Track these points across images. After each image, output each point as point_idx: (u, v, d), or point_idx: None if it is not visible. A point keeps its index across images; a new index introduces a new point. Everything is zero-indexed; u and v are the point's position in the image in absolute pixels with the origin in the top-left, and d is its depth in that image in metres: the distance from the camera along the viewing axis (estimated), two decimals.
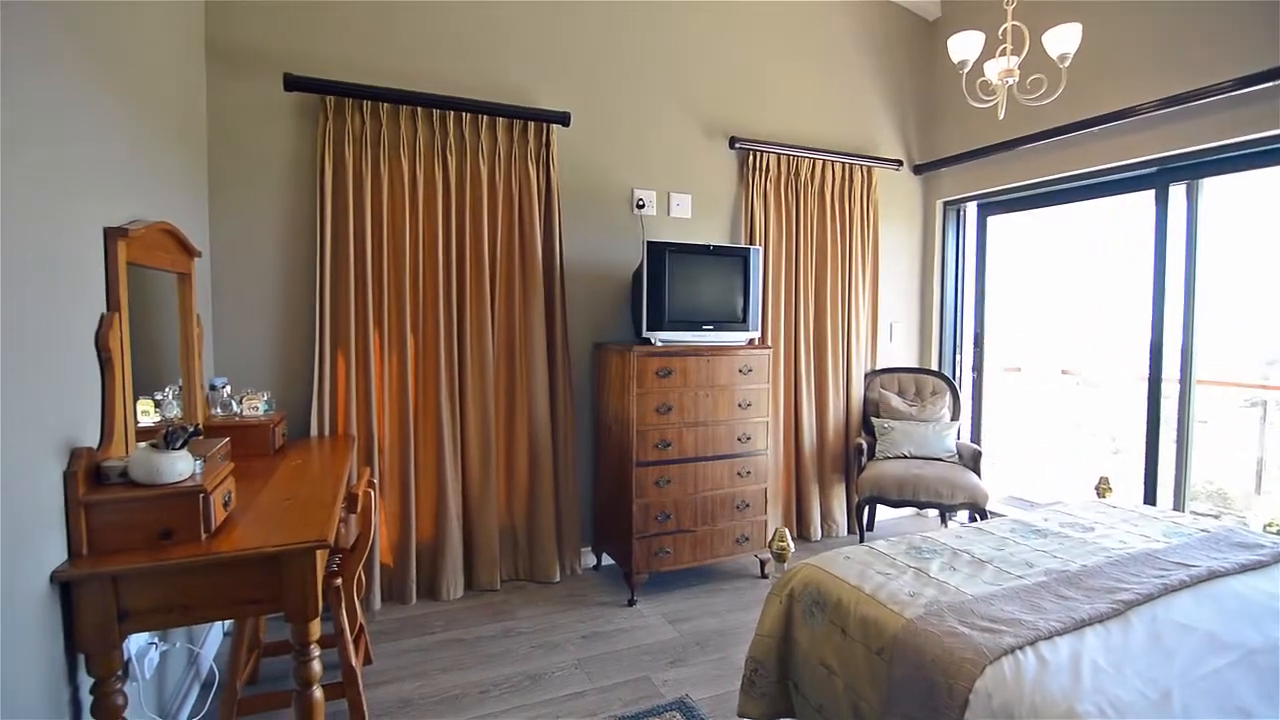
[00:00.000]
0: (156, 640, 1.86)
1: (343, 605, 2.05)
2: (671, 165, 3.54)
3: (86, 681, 1.44)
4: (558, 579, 3.23)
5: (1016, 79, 2.47)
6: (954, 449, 3.67)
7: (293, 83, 2.69)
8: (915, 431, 3.68)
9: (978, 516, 3.37)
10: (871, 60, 4.05)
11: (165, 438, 1.46)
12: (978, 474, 3.50)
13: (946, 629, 1.56)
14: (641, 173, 3.48)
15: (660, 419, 2.97)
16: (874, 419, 3.85)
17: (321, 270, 2.80)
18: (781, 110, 3.79)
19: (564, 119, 3.15)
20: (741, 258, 3.22)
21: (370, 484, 2.23)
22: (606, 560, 3.44)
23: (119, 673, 1.44)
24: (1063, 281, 4.30)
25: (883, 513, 4.10)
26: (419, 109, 2.92)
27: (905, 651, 1.55)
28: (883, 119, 4.12)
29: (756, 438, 3.21)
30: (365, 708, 2.09)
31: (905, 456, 3.65)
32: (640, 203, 3.47)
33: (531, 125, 3.13)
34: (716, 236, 3.67)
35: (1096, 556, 2.01)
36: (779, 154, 3.69)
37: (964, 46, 2.51)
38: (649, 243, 3.01)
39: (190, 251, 2.20)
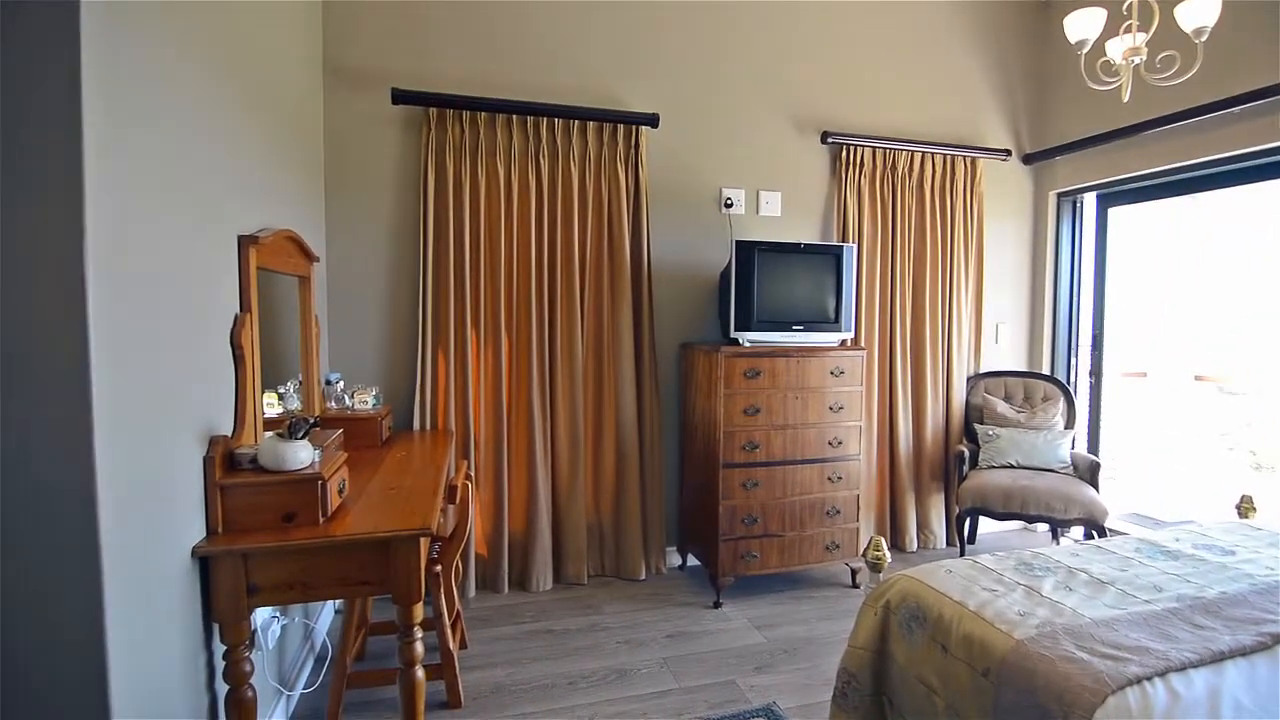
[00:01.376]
0: (278, 614, 2.03)
1: (441, 591, 2.15)
2: (761, 163, 3.49)
3: (219, 649, 1.59)
4: (643, 577, 3.26)
5: (1144, 57, 2.26)
6: (1068, 459, 3.41)
7: (399, 96, 2.85)
8: (1024, 440, 3.45)
9: (1095, 534, 3.11)
10: (975, 45, 3.82)
11: (289, 428, 1.58)
12: (1095, 487, 3.23)
13: (1062, 653, 1.45)
14: (730, 171, 3.45)
15: (748, 420, 2.93)
16: (977, 426, 3.63)
17: (424, 273, 2.96)
18: (877, 102, 3.65)
19: (653, 120, 3.17)
20: (834, 256, 3.13)
21: (468, 476, 2.33)
22: (692, 561, 3.43)
23: (247, 641, 1.57)
24: (1196, 278, 3.89)
25: (985, 525, 3.86)
26: (514, 117, 3.02)
27: (1014, 675, 1.45)
28: (989, 107, 3.88)
29: (848, 442, 3.10)
30: (461, 690, 2.19)
31: (1012, 466, 3.42)
32: (729, 202, 3.43)
33: (621, 128, 3.17)
34: (807, 235, 3.58)
35: (1239, 583, 1.81)
36: (874, 147, 3.56)
37: (1083, 25, 2.33)
38: (737, 242, 2.98)
39: (310, 256, 2.38)
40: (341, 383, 2.65)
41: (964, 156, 3.72)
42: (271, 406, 2.02)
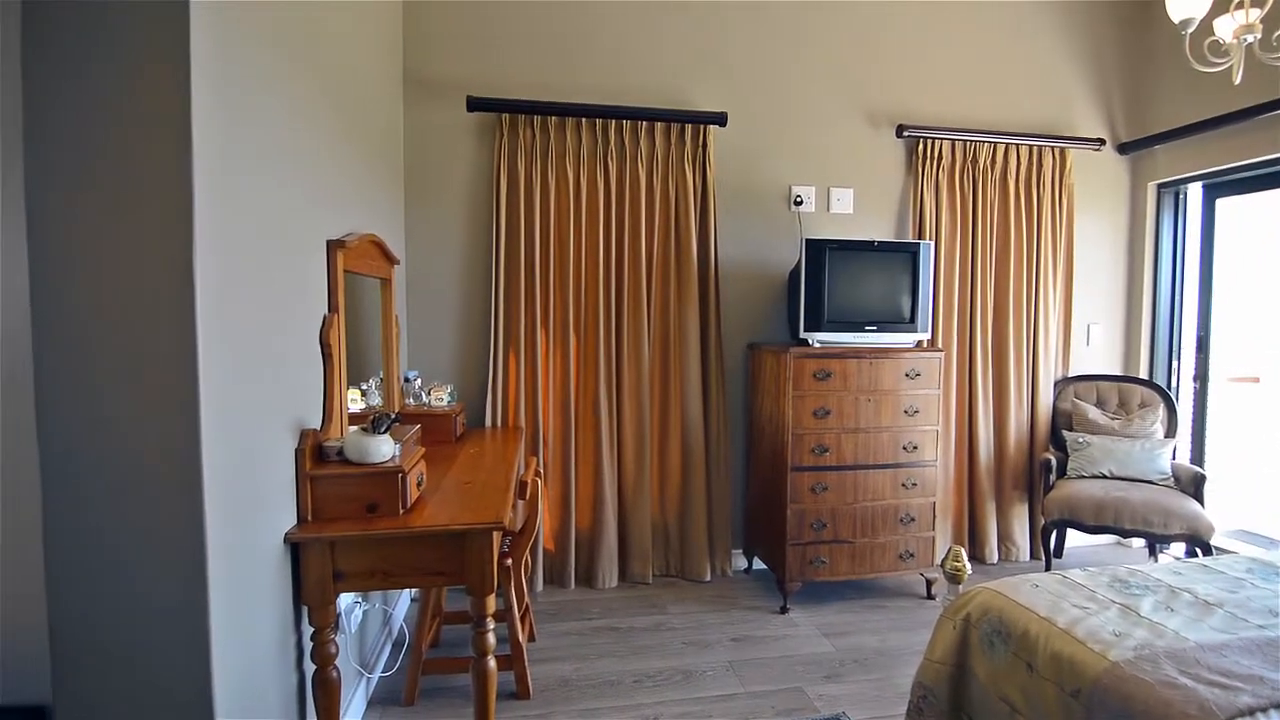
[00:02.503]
0: (360, 600, 2.13)
1: (512, 584, 2.21)
2: (832, 159, 3.41)
3: (307, 630, 1.68)
4: (708, 578, 3.24)
5: (1258, 35, 2.07)
6: (1168, 470, 3.17)
7: (474, 104, 2.94)
8: (1118, 449, 3.23)
9: (1199, 551, 2.88)
10: (1063, 27, 3.61)
11: (373, 423, 1.66)
12: (1199, 501, 2.99)
13: (1163, 678, 1.35)
14: (800, 168, 3.38)
15: (817, 423, 2.87)
16: (1065, 433, 3.43)
17: (496, 275, 3.04)
18: (956, 92, 3.50)
19: (720, 119, 3.15)
20: (909, 253, 3.02)
21: (537, 473, 2.38)
22: (758, 565, 3.38)
23: (333, 625, 1.66)
24: None
25: (1074, 538, 3.63)
26: (583, 120, 3.07)
27: (1108, 698, 1.36)
28: (1079, 93, 3.65)
29: (924, 447, 2.99)
30: (530, 682, 2.24)
31: (1104, 476, 3.21)
32: (798, 199, 3.37)
33: (689, 128, 3.16)
34: (881, 232, 3.47)
35: None
36: (954, 139, 3.41)
37: (1188, 3, 2.15)
38: (807, 240, 2.92)
39: (391, 259, 2.49)
40: (419, 380, 2.76)
41: (1052, 147, 3.52)
42: (355, 402, 2.12)
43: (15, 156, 1.17)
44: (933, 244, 3.16)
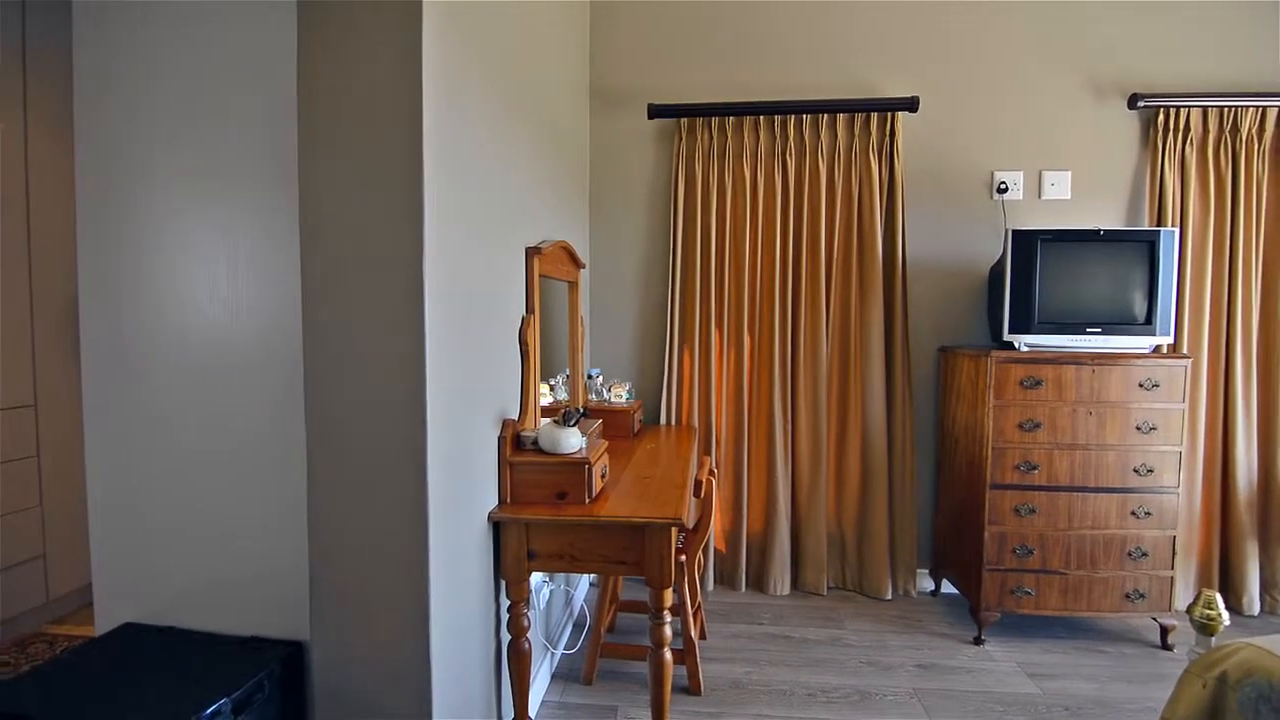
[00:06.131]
0: (548, 580, 2.29)
1: (686, 580, 2.24)
2: (1043, 138, 3.03)
3: (503, 603, 1.84)
4: (889, 597, 3.04)
5: None
6: None
7: (655, 111, 3.03)
8: None
9: None
10: None
11: (564, 416, 1.78)
12: None
13: None
14: (1004, 151, 3.05)
15: (1024, 436, 2.57)
16: None
17: (672, 275, 3.11)
18: (1207, 47, 2.93)
19: (911, 105, 2.93)
20: (1146, 244, 2.59)
21: (710, 472, 2.39)
22: (947, 589, 3.11)
23: (525, 600, 1.80)
24: None
25: None
26: (760, 118, 3.03)
27: None
28: None
29: (1162, 471, 2.55)
30: (701, 679, 2.26)
31: None
32: (1002, 186, 3.04)
33: (874, 117, 2.99)
34: (1107, 220, 3.02)
35: None
36: (1205, 106, 2.87)
37: None
38: (1014, 231, 2.63)
39: (578, 263, 2.65)
40: (600, 377, 2.90)
41: None
42: (544, 396, 2.28)
43: (291, 165, 1.42)
44: (1177, 231, 2.68)
